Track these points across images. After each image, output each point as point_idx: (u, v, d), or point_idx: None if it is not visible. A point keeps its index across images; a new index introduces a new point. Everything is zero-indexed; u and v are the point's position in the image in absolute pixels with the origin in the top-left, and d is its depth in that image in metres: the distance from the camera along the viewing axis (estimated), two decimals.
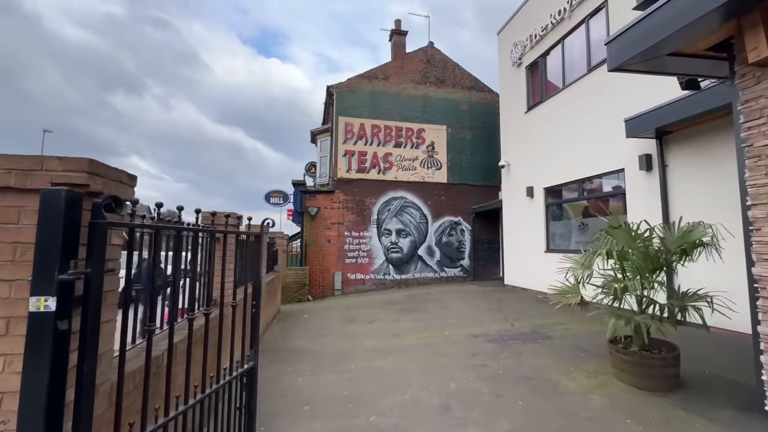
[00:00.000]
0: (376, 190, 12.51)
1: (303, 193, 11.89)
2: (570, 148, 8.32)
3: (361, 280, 12.14)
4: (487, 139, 13.77)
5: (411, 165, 12.92)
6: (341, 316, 8.35)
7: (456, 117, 13.52)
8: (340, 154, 12.35)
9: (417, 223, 12.75)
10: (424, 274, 12.67)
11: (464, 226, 13.26)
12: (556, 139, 8.83)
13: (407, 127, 13.00)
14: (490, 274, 13.29)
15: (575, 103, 8.19)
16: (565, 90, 8.57)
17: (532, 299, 8.62)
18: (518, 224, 10.39)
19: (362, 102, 12.68)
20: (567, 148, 8.42)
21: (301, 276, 11.12)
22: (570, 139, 8.32)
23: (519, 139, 10.43)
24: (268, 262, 8.71)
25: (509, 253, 10.91)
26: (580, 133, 7.98)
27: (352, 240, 12.18)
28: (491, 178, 13.64)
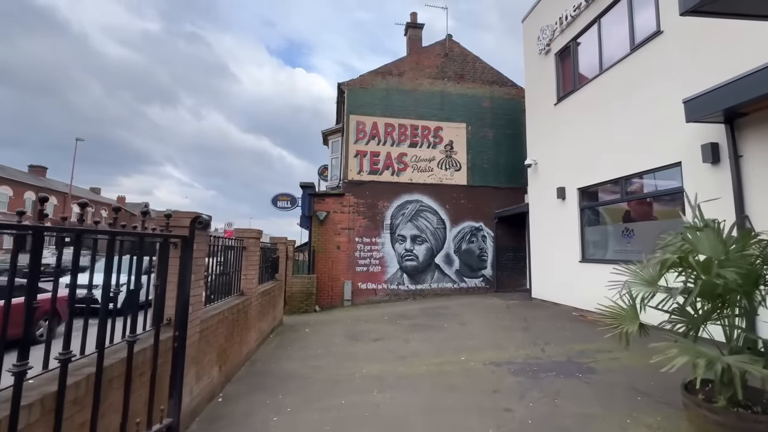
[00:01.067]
0: (390, 192, 11.65)
1: (311, 197, 11.20)
2: (609, 142, 7.16)
3: (372, 291, 11.25)
4: (511, 137, 12.66)
5: (427, 166, 11.99)
6: (345, 331, 7.48)
7: (477, 114, 12.50)
8: (351, 154, 11.60)
9: (434, 229, 11.77)
10: (442, 285, 11.63)
11: (486, 232, 12.14)
12: (591, 132, 7.68)
13: (423, 126, 12.11)
14: (515, 286, 12.06)
15: (615, 88, 7.04)
16: (602, 75, 7.44)
17: (565, 317, 7.43)
18: (548, 230, 9.22)
19: (375, 99, 11.92)
20: (605, 141, 7.26)
21: (307, 285, 10.37)
22: (609, 132, 7.17)
23: (547, 135, 9.31)
24: (266, 271, 8.00)
25: (537, 263, 9.72)
26: (622, 123, 6.83)
27: (363, 246, 11.34)
28: (516, 180, 12.48)
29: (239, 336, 5.10)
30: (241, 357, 5.21)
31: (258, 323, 6.27)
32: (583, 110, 7.97)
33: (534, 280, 9.84)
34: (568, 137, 8.46)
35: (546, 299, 9.15)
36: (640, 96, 6.43)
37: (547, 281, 9.20)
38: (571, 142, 8.37)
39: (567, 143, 8.51)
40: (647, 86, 6.30)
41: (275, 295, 7.83)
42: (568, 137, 8.49)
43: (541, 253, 9.52)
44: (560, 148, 8.77)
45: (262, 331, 6.57)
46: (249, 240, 5.86)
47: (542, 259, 9.47)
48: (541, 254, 9.56)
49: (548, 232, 9.19)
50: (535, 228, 9.84)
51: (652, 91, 6.17)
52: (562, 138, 8.69)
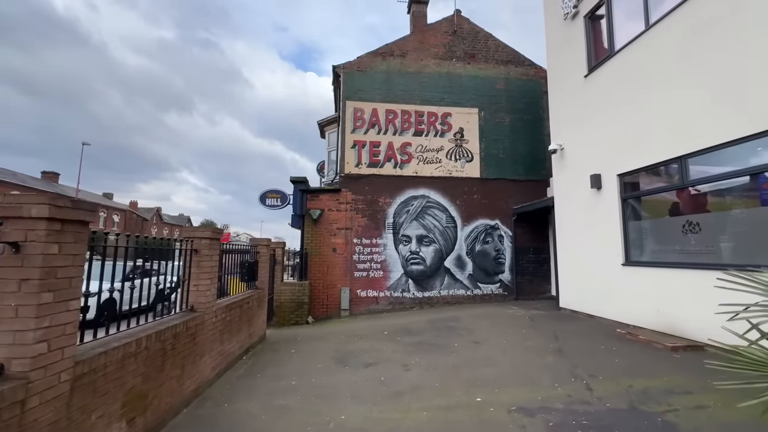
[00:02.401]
0: (392, 187, 10.30)
1: (303, 193, 9.95)
2: (663, 113, 5.65)
3: (373, 299, 9.89)
4: (530, 123, 11.15)
5: (435, 157, 10.59)
6: (335, 351, 6.15)
7: (490, 97, 11.05)
8: (348, 145, 10.31)
9: (443, 228, 10.35)
10: (453, 292, 10.18)
11: (503, 230, 10.65)
12: (637, 103, 6.18)
13: (430, 112, 10.73)
14: (537, 292, 10.52)
15: (672, 43, 5.54)
16: (651, 30, 5.93)
17: (606, 334, 5.92)
18: (578, 227, 7.70)
19: (375, 83, 10.61)
20: (658, 113, 5.75)
21: (299, 293, 9.09)
22: (663, 99, 5.66)
23: (577, 113, 7.81)
24: (240, 277, 6.75)
25: (565, 266, 8.20)
26: (684, 86, 5.32)
27: (362, 249, 10.01)
28: (536, 171, 10.97)
29: (178, 368, 3.82)
30: (184, 395, 3.93)
31: (219, 345, 5.01)
32: (624, 78, 6.47)
33: (562, 287, 8.31)
34: (604, 113, 6.96)
35: (577, 310, 7.63)
36: (708, 49, 4.93)
37: (578, 288, 7.67)
38: (608, 120, 6.87)
39: (602, 121, 7.01)
40: (718, 36, 4.79)
41: (252, 307, 6.57)
42: (603, 114, 6.99)
43: (570, 255, 8.00)
44: (594, 127, 7.26)
45: (228, 355, 5.30)
46: (201, 241, 4.60)
47: (571, 262, 7.95)
48: (569, 256, 8.04)
49: (579, 229, 7.67)
50: (562, 225, 8.33)
51: (726, 41, 4.67)
52: (596, 115, 7.19)
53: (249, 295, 6.43)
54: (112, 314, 3.73)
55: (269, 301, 8.90)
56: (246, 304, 6.25)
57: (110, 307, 4.70)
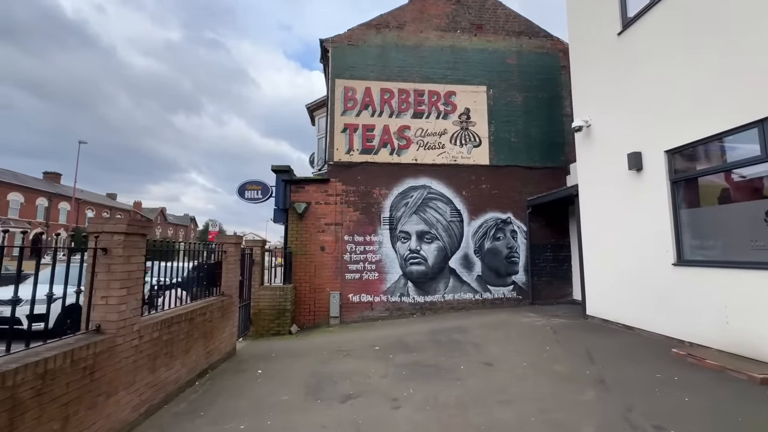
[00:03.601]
0: (389, 176, 9.02)
1: (286, 184, 8.71)
2: (733, 68, 4.28)
3: (367, 304, 8.63)
4: (546, 102, 9.77)
5: (437, 141, 9.27)
6: (309, 375, 4.91)
7: (500, 74, 9.69)
8: (337, 129, 9.04)
9: (447, 223, 9.03)
10: (459, 296, 8.87)
11: (516, 225, 9.29)
12: (692, 58, 4.81)
13: (431, 90, 9.41)
14: (557, 296, 9.15)
15: None
16: None
17: (659, 355, 4.57)
18: (611, 218, 6.34)
19: (368, 59, 9.33)
20: (725, 68, 4.38)
21: (280, 298, 7.86)
22: (735, 51, 4.29)
23: (608, 80, 6.43)
24: (199, 282, 5.56)
25: (593, 266, 6.84)
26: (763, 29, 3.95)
27: (355, 247, 8.75)
28: (554, 157, 9.59)
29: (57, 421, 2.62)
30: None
31: (149, 375, 3.80)
32: (677, 28, 5.09)
33: (589, 291, 6.95)
34: (646, 77, 5.58)
35: (610, 319, 6.27)
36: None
37: (611, 293, 6.31)
38: (651, 84, 5.49)
39: (644, 86, 5.63)
40: None
41: (212, 318, 5.36)
42: (645, 77, 5.61)
43: (599, 252, 6.64)
44: (631, 95, 5.89)
45: (166, 384, 4.09)
46: (113, 238, 3.38)
47: (601, 261, 6.59)
48: (598, 254, 6.68)
49: (611, 221, 6.30)
50: (589, 217, 6.96)
51: None
52: (635, 80, 5.81)
53: (206, 305, 5.21)
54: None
55: (245, 307, 7.70)
56: (201, 316, 5.04)
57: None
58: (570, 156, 9.56)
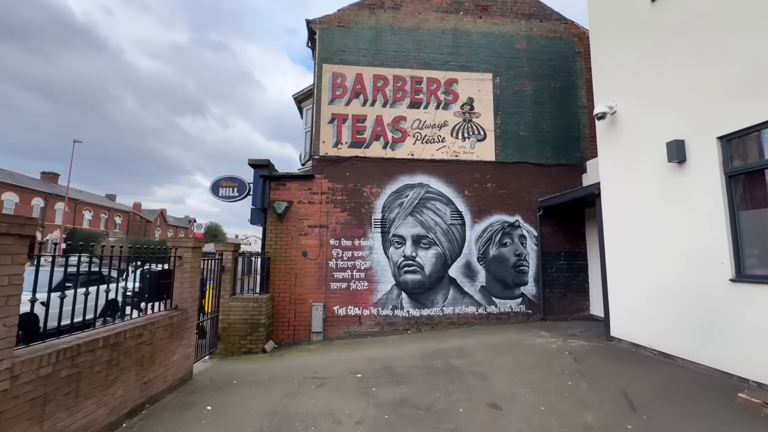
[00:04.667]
0: (381, 173, 7.99)
1: (265, 180, 7.71)
2: None
3: (355, 318, 7.56)
4: (559, 92, 8.72)
5: (436, 134, 8.25)
6: (268, 415, 3.87)
7: (508, 60, 8.67)
8: (324, 119, 8.04)
9: (447, 226, 7.98)
10: (460, 309, 7.78)
11: (525, 229, 8.21)
12: (759, 18, 3.76)
13: (430, 78, 8.40)
14: (571, 310, 8.05)
15: None
16: None
17: (718, 398, 3.47)
18: (642, 221, 5.26)
19: (360, 42, 8.35)
20: None
21: (254, 311, 6.82)
22: None
23: (640, 56, 5.38)
24: (148, 295, 4.57)
25: (618, 278, 5.75)
26: None
27: (341, 253, 7.71)
28: (569, 153, 8.53)
29: None
30: None
31: (33, 428, 2.78)
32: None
33: (613, 308, 5.86)
34: (692, 48, 4.53)
35: (643, 344, 5.17)
36: None
37: (643, 312, 5.21)
38: (698, 56, 4.44)
39: (687, 60, 4.58)
40: None
41: (154, 340, 4.34)
42: (689, 49, 4.56)
43: (627, 262, 5.55)
44: (670, 73, 4.83)
45: None
46: None
47: (630, 272, 5.50)
48: (626, 263, 5.59)
49: (643, 224, 5.23)
50: (614, 219, 5.88)
51: None
52: (675, 55, 4.76)
53: (143, 324, 4.18)
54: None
55: (213, 321, 6.69)
56: (135, 339, 4.01)
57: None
58: (587, 152, 8.50)
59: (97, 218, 48.68)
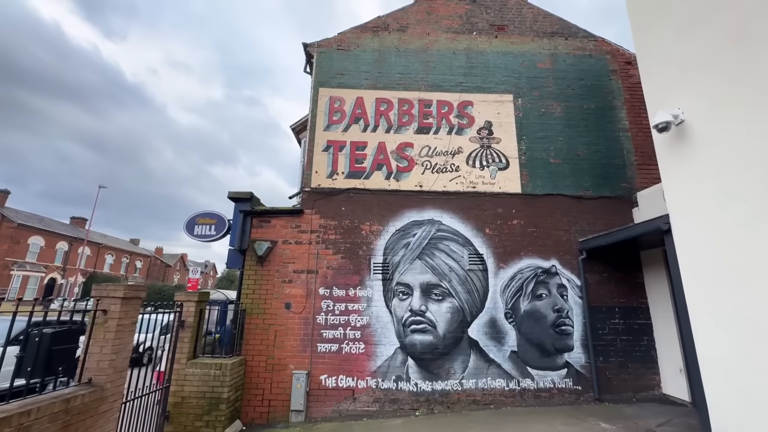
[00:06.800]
0: (383, 207, 6.69)
1: (247, 216, 6.54)
2: None
3: (347, 391, 5.85)
4: (595, 114, 7.43)
5: (449, 163, 7.00)
6: None
7: (530, 80, 7.57)
8: (317, 147, 7.00)
9: (464, 272, 6.42)
10: (485, 382, 5.95)
11: (565, 277, 6.52)
12: None
13: (441, 101, 7.35)
14: (637, 387, 6.02)
15: None
16: None
17: None
18: (743, 261, 3.58)
19: (361, 65, 7.52)
20: None
21: (215, 381, 5.28)
22: None
23: (717, 48, 4.06)
24: (32, 367, 3.26)
25: (716, 346, 3.93)
26: None
27: (333, 305, 6.22)
28: (612, 184, 7.01)
29: None
30: None
31: None
32: None
33: (714, 391, 3.97)
34: None
35: None
36: None
37: (765, 397, 3.35)
38: None
39: None
40: None
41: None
42: None
43: (730, 322, 3.79)
44: None
45: None
46: None
47: (737, 338, 3.71)
48: (727, 324, 3.82)
49: (748, 265, 3.55)
50: (699, 261, 4.20)
51: None
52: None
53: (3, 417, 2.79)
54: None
55: (163, 392, 5.18)
56: None
57: None
58: (635, 182, 6.97)
59: (119, 262, 49.26)
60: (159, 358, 6.13)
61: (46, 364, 3.25)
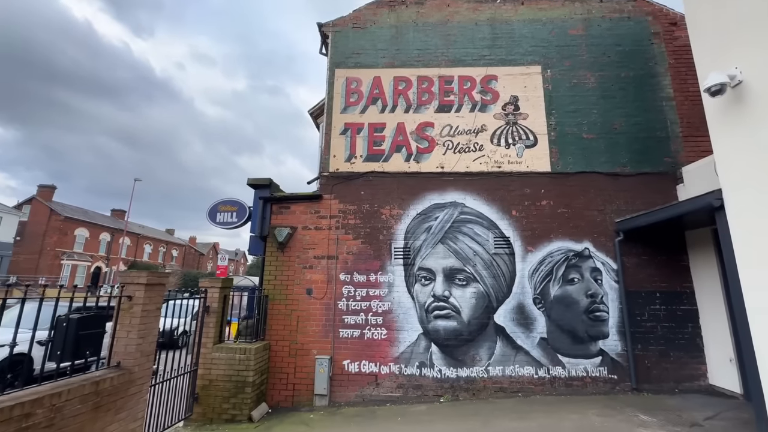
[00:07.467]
0: (403, 191, 6.48)
1: (266, 203, 6.53)
2: None
3: (370, 376, 5.82)
4: (635, 82, 6.79)
5: (472, 142, 6.65)
6: None
7: (560, 49, 7.00)
8: (335, 130, 6.83)
9: (490, 257, 6.14)
10: (512, 370, 5.73)
11: (599, 260, 6.10)
12: None
13: (462, 76, 6.95)
14: (679, 377, 5.61)
15: None
16: None
17: None
18: None
19: (378, 42, 7.22)
20: None
21: (240, 365, 5.38)
22: None
23: None
24: (61, 351, 3.37)
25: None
26: None
27: (354, 290, 6.15)
28: (653, 159, 6.44)
29: None
30: None
31: None
32: None
33: None
34: None
35: None
36: None
37: None
38: None
39: None
40: None
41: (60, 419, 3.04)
42: None
43: None
44: None
45: None
46: None
47: None
48: None
49: None
50: (757, 240, 3.74)
51: None
52: None
53: (32, 399, 2.89)
54: None
55: (192, 375, 5.33)
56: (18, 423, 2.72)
57: None
58: (679, 156, 6.36)
59: (156, 251, 51.96)
60: (193, 342, 6.34)
61: (75, 348, 3.35)
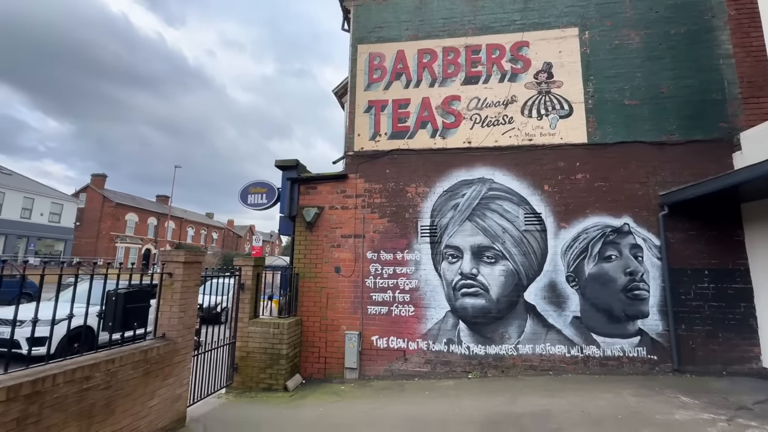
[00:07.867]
0: (429, 168, 6.35)
1: (293, 183, 6.65)
2: None
3: (398, 352, 5.93)
4: (686, 39, 6.13)
5: (501, 114, 6.34)
6: None
7: (600, 7, 6.41)
8: (359, 108, 6.75)
9: (519, 234, 5.94)
10: (543, 348, 5.61)
11: (641, 236, 5.73)
12: None
13: (491, 44, 6.57)
14: (728, 359, 5.26)
15: None
16: None
17: None
18: None
19: (401, 15, 6.95)
20: None
21: (274, 338, 5.66)
22: None
23: None
24: (112, 323, 3.68)
25: None
26: None
27: (381, 268, 6.21)
28: (706, 125, 5.85)
29: None
30: None
31: None
32: None
33: None
34: None
35: None
36: None
37: None
38: None
39: None
40: None
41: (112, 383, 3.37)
42: None
43: None
44: None
45: None
46: None
47: None
48: None
49: None
50: None
51: None
52: None
53: (92, 364, 3.20)
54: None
55: (230, 347, 5.69)
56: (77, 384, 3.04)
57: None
58: (737, 120, 5.75)
59: (198, 234, 55.06)
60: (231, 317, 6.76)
61: (123, 320, 3.66)
